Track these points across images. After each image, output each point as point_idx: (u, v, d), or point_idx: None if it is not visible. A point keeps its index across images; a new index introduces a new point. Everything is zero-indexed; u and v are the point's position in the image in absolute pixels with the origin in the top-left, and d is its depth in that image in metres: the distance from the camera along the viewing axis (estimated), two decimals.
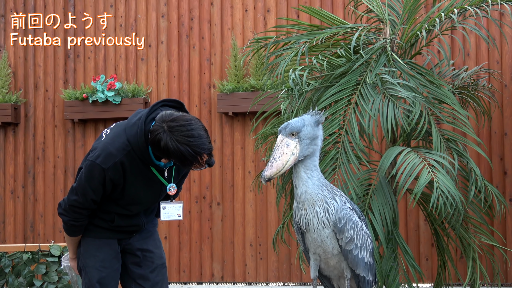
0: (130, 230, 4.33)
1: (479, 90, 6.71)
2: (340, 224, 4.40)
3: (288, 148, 4.30)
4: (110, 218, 4.23)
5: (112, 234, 4.30)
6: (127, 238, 4.35)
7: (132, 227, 4.31)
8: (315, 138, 4.36)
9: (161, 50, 8.78)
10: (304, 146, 4.33)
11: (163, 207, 4.27)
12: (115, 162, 3.98)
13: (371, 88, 5.84)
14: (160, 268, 4.38)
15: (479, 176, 5.93)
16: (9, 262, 6.49)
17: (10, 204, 9.01)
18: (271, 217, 8.30)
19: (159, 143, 3.84)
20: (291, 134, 4.33)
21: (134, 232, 4.35)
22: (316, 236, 4.44)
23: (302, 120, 4.35)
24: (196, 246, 8.50)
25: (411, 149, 5.75)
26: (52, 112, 9.00)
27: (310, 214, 4.38)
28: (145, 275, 4.35)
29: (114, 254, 4.31)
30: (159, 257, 4.41)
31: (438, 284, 6.53)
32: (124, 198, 4.13)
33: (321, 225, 4.39)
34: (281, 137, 4.33)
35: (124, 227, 4.28)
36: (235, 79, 8.34)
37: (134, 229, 4.33)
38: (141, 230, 4.37)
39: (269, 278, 8.28)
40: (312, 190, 4.35)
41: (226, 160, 8.46)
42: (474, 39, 7.89)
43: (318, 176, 4.38)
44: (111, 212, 4.21)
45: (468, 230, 6.21)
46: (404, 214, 7.91)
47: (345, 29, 6.20)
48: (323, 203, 4.37)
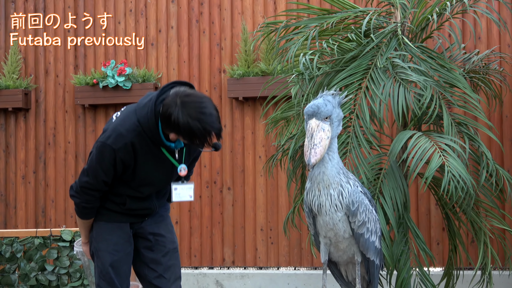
0: (142, 214, 4.34)
1: (490, 74, 6.68)
2: (353, 207, 4.41)
3: (324, 132, 4.33)
4: (121, 201, 4.24)
5: (124, 218, 4.31)
6: (139, 222, 4.36)
7: (144, 210, 4.32)
8: (341, 119, 4.41)
9: (171, 35, 8.76)
10: (335, 128, 4.39)
11: (174, 188, 4.28)
12: (125, 143, 4.01)
13: (382, 72, 5.82)
14: (172, 253, 4.40)
15: (490, 160, 5.91)
16: (20, 247, 6.52)
17: (22, 189, 9.04)
18: (281, 201, 8.30)
19: (170, 117, 3.86)
20: (325, 118, 4.35)
21: (146, 215, 4.36)
22: (328, 219, 4.44)
23: (328, 102, 4.37)
24: (207, 231, 8.52)
25: (422, 133, 5.74)
26: (63, 98, 9.01)
27: (324, 196, 4.39)
28: (157, 259, 4.37)
29: (126, 238, 4.33)
30: (171, 242, 4.42)
31: (449, 268, 6.52)
32: (135, 179, 4.14)
33: (334, 208, 4.40)
34: (316, 122, 4.34)
35: (136, 210, 4.29)
36: (245, 64, 8.33)
37: (146, 213, 4.34)
38: (153, 214, 4.38)
39: (280, 263, 8.29)
40: (330, 172, 4.37)
41: (236, 145, 8.45)
42: (486, 23, 7.85)
43: (338, 159, 4.41)
44: (123, 195, 4.22)
45: (479, 214, 6.19)
46: (415, 198, 7.90)
47: (356, 13, 6.18)
48: (338, 185, 4.38)
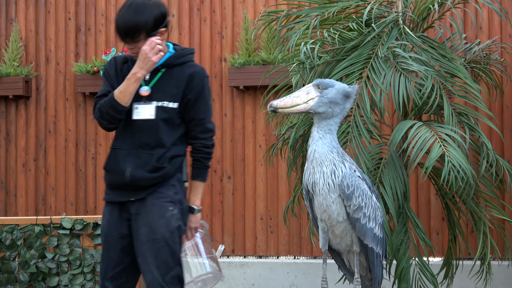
0: (117, 183, 4.30)
1: (491, 64, 6.67)
2: (348, 190, 4.42)
3: (306, 95, 4.42)
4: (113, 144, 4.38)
5: (110, 193, 4.34)
6: (124, 201, 4.30)
7: (117, 175, 4.29)
8: (336, 104, 4.41)
9: (172, 23, 8.75)
10: (320, 103, 4.39)
11: (135, 107, 4.29)
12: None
13: (383, 62, 5.82)
14: (149, 244, 4.23)
15: (490, 150, 5.92)
16: (21, 234, 6.53)
17: (22, 177, 9.05)
18: (282, 191, 8.31)
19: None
20: (317, 86, 4.42)
21: (122, 188, 4.30)
22: (322, 199, 4.46)
23: (335, 82, 4.44)
24: (207, 219, 8.52)
25: (422, 123, 5.74)
26: (64, 86, 9.01)
27: (318, 173, 4.42)
28: (138, 251, 4.31)
29: (114, 222, 4.33)
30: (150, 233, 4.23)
31: (449, 258, 6.54)
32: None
33: (326, 187, 4.41)
34: (309, 85, 4.44)
35: (111, 174, 4.32)
36: (246, 52, 8.32)
37: (119, 179, 4.28)
38: (126, 184, 4.27)
39: (279, 252, 8.30)
40: (322, 150, 4.40)
41: (237, 134, 8.46)
42: (487, 13, 7.83)
43: (331, 139, 4.43)
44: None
45: (479, 204, 6.20)
46: (415, 188, 7.90)
47: (357, 2, 6.17)
48: (331, 163, 4.40)
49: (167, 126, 4.28)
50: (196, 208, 4.40)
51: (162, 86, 4.31)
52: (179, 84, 4.30)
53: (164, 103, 4.27)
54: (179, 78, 4.30)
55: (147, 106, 4.27)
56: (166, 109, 4.27)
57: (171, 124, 4.30)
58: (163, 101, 4.27)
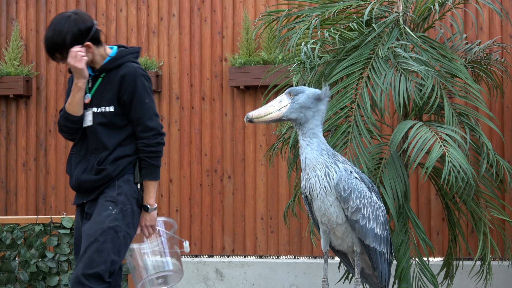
0: (72, 186, 4.44)
1: (492, 64, 6.68)
2: (344, 193, 4.47)
3: (279, 103, 4.61)
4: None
5: (75, 196, 4.49)
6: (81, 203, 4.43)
7: (71, 179, 4.42)
8: (307, 108, 4.55)
9: (173, 23, 8.75)
10: (292, 109, 4.57)
11: (84, 115, 4.42)
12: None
13: (383, 62, 5.82)
14: (84, 239, 4.28)
15: (491, 150, 5.92)
16: (21, 234, 6.53)
17: (22, 176, 9.05)
18: (282, 190, 8.31)
19: None
20: (289, 94, 4.59)
21: (77, 190, 4.43)
22: (320, 203, 4.52)
23: (305, 88, 4.62)
24: (207, 219, 8.53)
25: (423, 123, 5.74)
26: (64, 85, 9.00)
27: (313, 178, 4.51)
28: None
29: (78, 221, 4.46)
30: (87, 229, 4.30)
31: (449, 258, 6.54)
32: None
33: (323, 190, 4.48)
34: (282, 94, 4.62)
35: (70, 178, 4.44)
36: (246, 52, 8.32)
37: (72, 183, 4.42)
38: (76, 187, 4.40)
39: (279, 251, 8.30)
40: (311, 155, 4.51)
41: (237, 134, 8.46)
42: (487, 13, 7.83)
43: (318, 142, 4.54)
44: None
45: (479, 205, 6.20)
46: (415, 188, 7.90)
47: (358, 2, 6.18)
48: (323, 166, 4.50)
49: (107, 130, 4.37)
50: (150, 206, 4.42)
51: (100, 92, 4.40)
52: (113, 87, 4.37)
53: (101, 108, 4.37)
54: (113, 81, 4.38)
55: (87, 113, 4.40)
56: (104, 114, 4.37)
57: (113, 127, 4.37)
58: (101, 107, 4.37)
